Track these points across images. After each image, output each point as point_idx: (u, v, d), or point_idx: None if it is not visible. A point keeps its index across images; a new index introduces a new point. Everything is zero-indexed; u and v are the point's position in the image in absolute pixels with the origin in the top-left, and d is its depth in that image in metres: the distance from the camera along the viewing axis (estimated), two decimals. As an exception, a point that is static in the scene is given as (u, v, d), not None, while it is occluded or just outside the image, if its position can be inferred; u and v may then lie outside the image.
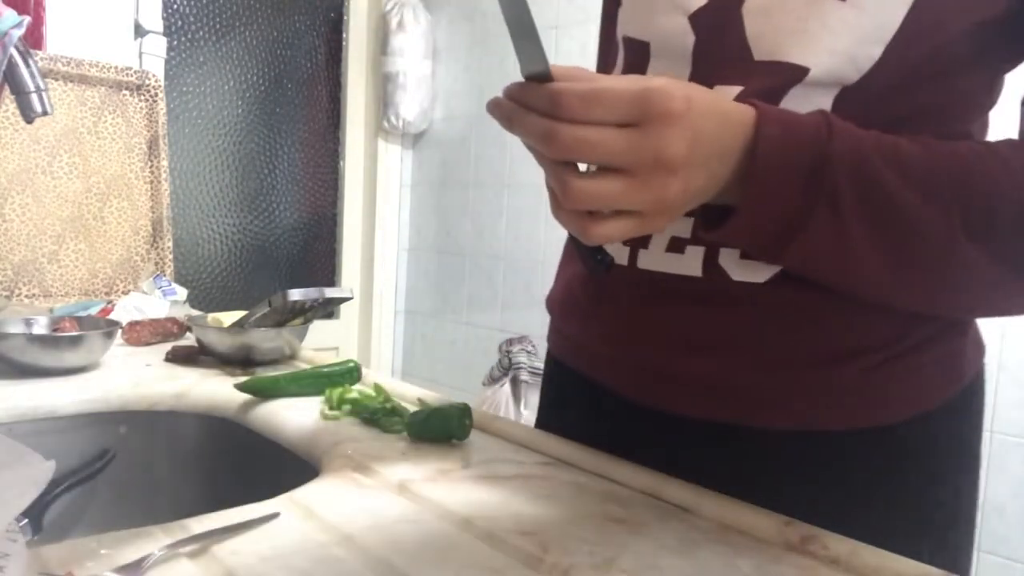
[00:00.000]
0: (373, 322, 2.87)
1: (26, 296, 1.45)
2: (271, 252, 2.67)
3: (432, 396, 0.87)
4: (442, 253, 2.75)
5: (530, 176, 2.35)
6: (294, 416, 0.82)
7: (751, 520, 0.56)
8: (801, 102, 0.53)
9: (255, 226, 2.62)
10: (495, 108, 0.48)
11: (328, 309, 1.10)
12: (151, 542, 0.49)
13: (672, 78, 0.45)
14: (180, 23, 2.36)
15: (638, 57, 0.61)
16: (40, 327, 1.04)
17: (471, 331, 2.66)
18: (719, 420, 0.60)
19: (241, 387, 0.88)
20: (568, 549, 0.52)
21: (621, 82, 0.44)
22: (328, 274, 2.86)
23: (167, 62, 2.25)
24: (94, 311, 1.28)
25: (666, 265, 0.58)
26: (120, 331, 1.12)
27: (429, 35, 2.68)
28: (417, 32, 2.63)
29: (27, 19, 0.96)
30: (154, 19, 2.14)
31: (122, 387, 0.92)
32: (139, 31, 2.01)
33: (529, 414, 2.12)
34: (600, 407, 0.69)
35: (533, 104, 0.45)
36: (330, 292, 1.02)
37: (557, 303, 0.73)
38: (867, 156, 0.48)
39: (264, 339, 1.03)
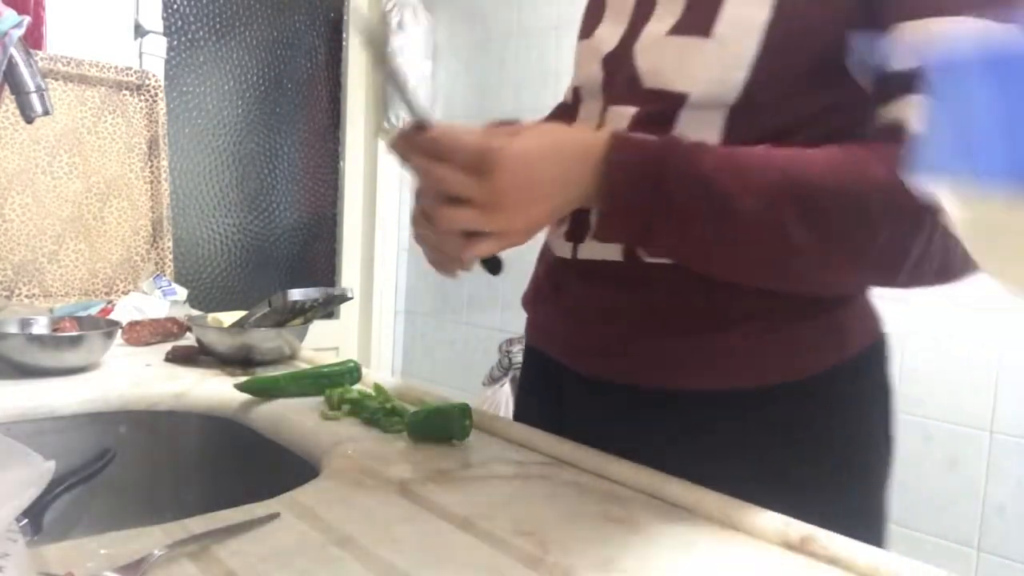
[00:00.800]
0: (373, 322, 2.87)
1: (26, 296, 1.45)
2: (271, 252, 2.67)
3: (432, 396, 0.87)
4: (442, 253, 2.75)
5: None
6: (294, 416, 0.82)
7: (751, 520, 0.56)
8: (694, 124, 0.64)
9: (255, 226, 2.62)
10: (393, 147, 0.62)
11: (328, 309, 1.10)
12: (151, 542, 0.49)
13: (518, 135, 0.58)
14: (180, 23, 2.36)
15: (577, 100, 0.76)
16: (40, 327, 1.04)
17: (471, 331, 2.66)
18: (646, 386, 0.70)
19: (241, 387, 0.88)
20: (568, 549, 0.52)
21: (472, 137, 0.58)
22: (328, 274, 2.86)
23: (167, 62, 2.25)
24: (94, 311, 1.28)
25: (597, 253, 0.70)
26: (120, 331, 1.12)
27: (429, 35, 2.68)
28: (417, 32, 2.63)
29: (27, 19, 0.97)
30: (154, 19, 2.14)
31: (122, 387, 0.92)
32: (139, 31, 2.01)
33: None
34: (560, 383, 0.78)
35: (415, 146, 0.59)
36: (330, 292, 1.02)
37: (529, 299, 0.84)
38: (702, 168, 0.57)
39: (264, 339, 1.03)
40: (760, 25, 0.61)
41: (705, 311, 0.66)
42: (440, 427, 0.73)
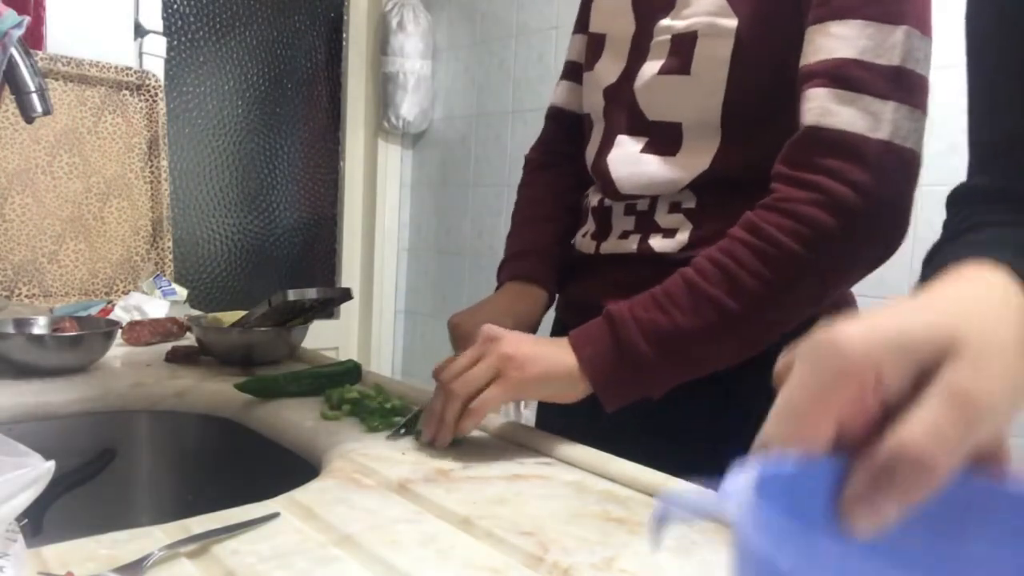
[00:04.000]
0: (373, 322, 2.87)
1: (26, 296, 1.45)
2: (271, 252, 2.67)
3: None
4: (442, 253, 2.75)
5: (530, 176, 2.35)
6: (294, 416, 0.82)
7: (751, 520, 0.56)
8: (694, 143, 0.78)
9: (255, 226, 2.62)
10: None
11: (328, 309, 1.10)
12: (151, 542, 0.49)
13: (517, 336, 0.72)
14: (180, 23, 2.35)
15: (587, 123, 0.91)
16: (40, 327, 1.04)
17: (471, 331, 2.65)
18: None
19: (241, 387, 0.88)
20: (568, 549, 0.52)
21: (473, 346, 0.72)
22: (328, 274, 2.86)
23: (167, 62, 2.25)
24: (94, 311, 1.28)
25: (617, 248, 0.84)
26: (120, 331, 1.12)
27: (429, 35, 2.68)
28: (417, 32, 2.63)
29: (27, 19, 0.96)
30: (154, 19, 2.14)
31: (122, 387, 0.92)
32: (139, 31, 2.01)
33: (529, 414, 2.12)
34: None
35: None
36: (330, 292, 1.02)
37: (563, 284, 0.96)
38: (639, 319, 0.71)
39: (264, 339, 1.03)
40: (726, 58, 0.74)
41: None
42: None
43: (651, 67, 0.79)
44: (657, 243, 0.80)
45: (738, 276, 0.69)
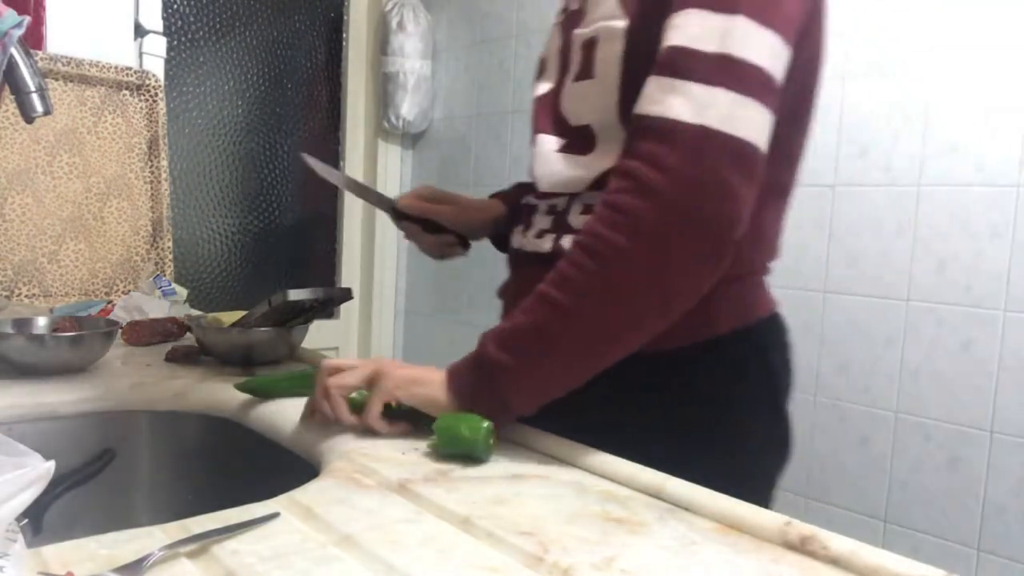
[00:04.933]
0: (373, 322, 2.87)
1: (26, 296, 1.45)
2: (271, 252, 2.67)
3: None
4: (442, 253, 2.75)
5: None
6: (294, 416, 0.82)
7: (751, 520, 0.56)
8: (608, 142, 0.80)
9: (255, 226, 2.62)
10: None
11: (328, 309, 1.10)
12: (151, 542, 0.49)
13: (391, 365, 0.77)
14: (180, 23, 2.35)
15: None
16: (40, 327, 1.04)
17: (471, 331, 2.65)
18: None
19: (241, 387, 0.88)
20: (568, 549, 0.52)
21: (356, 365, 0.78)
22: (328, 274, 2.86)
23: (167, 62, 2.25)
24: (94, 311, 1.28)
25: (536, 247, 0.86)
26: (120, 331, 1.12)
27: (429, 35, 2.68)
28: (417, 32, 2.63)
29: (27, 19, 0.96)
30: (154, 19, 2.14)
31: (122, 387, 0.92)
32: (139, 31, 2.01)
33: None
34: None
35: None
36: (330, 292, 1.02)
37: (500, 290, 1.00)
38: (494, 329, 0.75)
39: (264, 339, 1.03)
40: (618, 55, 0.77)
41: None
42: (467, 444, 0.69)
43: (571, 76, 0.84)
44: (567, 243, 0.80)
45: (565, 271, 0.71)
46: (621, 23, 0.76)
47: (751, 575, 0.50)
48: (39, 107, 0.98)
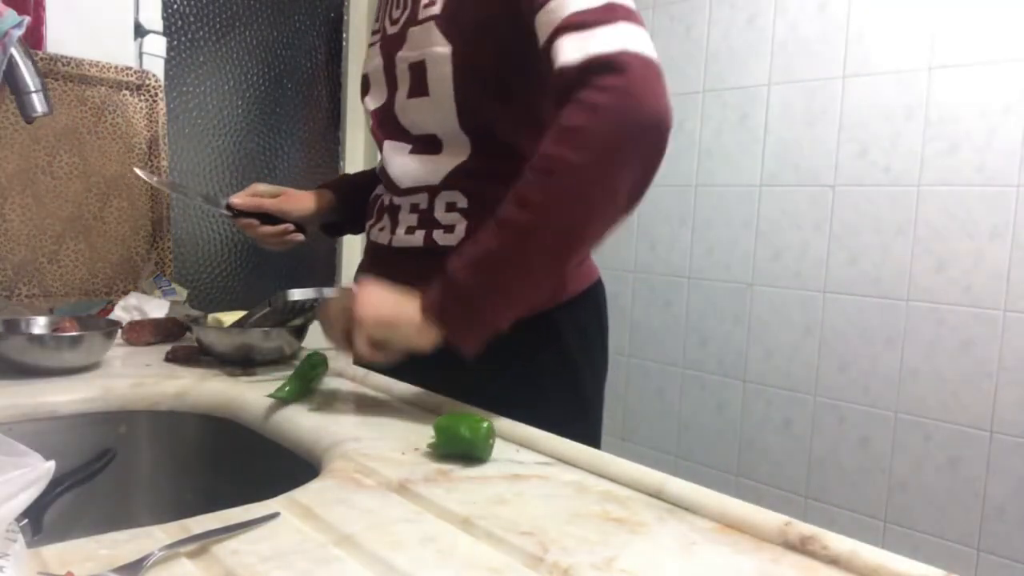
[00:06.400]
0: (373, 322, 2.86)
1: (26, 296, 1.45)
2: (271, 252, 2.67)
3: (442, 401, 0.87)
4: (442, 253, 2.75)
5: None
6: (294, 416, 0.82)
7: (751, 520, 0.56)
8: (453, 147, 0.95)
9: (255, 226, 2.62)
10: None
11: (328, 309, 1.10)
12: (151, 542, 0.49)
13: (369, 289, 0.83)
14: (180, 23, 2.35)
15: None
16: (40, 327, 1.04)
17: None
18: None
19: (274, 396, 0.86)
20: (568, 549, 0.52)
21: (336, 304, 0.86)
22: (328, 274, 2.86)
23: (167, 62, 2.25)
24: (94, 311, 1.28)
25: (407, 242, 0.98)
26: (120, 331, 1.12)
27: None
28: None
29: (27, 19, 0.96)
30: (154, 19, 2.14)
31: (122, 387, 0.92)
32: (139, 31, 2.01)
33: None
34: None
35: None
36: (330, 292, 1.02)
37: (359, 275, 1.11)
38: (459, 255, 0.80)
39: (264, 339, 1.03)
40: (448, 76, 0.90)
41: None
42: (466, 444, 0.69)
43: (402, 93, 0.97)
44: (440, 237, 0.95)
45: (523, 192, 0.78)
46: (445, 49, 0.89)
47: (751, 575, 0.50)
48: (39, 107, 0.98)
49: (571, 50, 0.77)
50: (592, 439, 1.01)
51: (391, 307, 0.81)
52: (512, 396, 0.88)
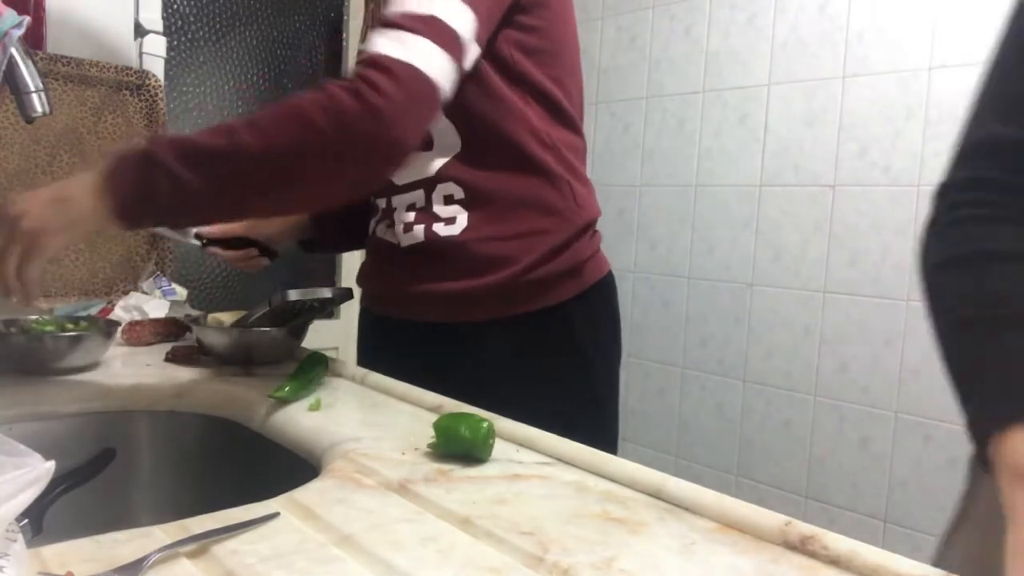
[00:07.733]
0: (373, 322, 2.86)
1: (26, 296, 1.45)
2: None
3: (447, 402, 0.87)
4: (442, 253, 2.75)
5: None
6: (294, 416, 0.82)
7: (751, 520, 0.56)
8: (445, 143, 0.96)
9: (255, 226, 2.62)
10: None
11: (328, 309, 1.10)
12: (151, 542, 0.49)
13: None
14: (180, 23, 2.35)
15: None
16: (40, 327, 1.04)
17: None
18: (439, 322, 0.99)
19: (274, 395, 0.86)
20: (568, 549, 0.52)
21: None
22: (328, 274, 2.86)
23: (167, 62, 2.25)
24: (94, 311, 1.28)
25: (410, 240, 0.98)
26: (120, 331, 1.12)
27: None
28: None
29: (27, 19, 0.96)
30: (154, 19, 2.14)
31: (122, 387, 0.92)
32: (139, 31, 2.01)
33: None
34: (383, 329, 1.08)
35: None
36: (330, 292, 1.02)
37: (362, 276, 1.12)
38: (173, 138, 0.81)
39: (264, 339, 1.03)
40: None
41: (474, 262, 0.94)
42: (466, 444, 0.69)
43: None
44: (441, 230, 0.96)
45: (259, 117, 0.79)
46: None
47: (751, 575, 0.50)
48: (39, 107, 0.98)
49: (374, 42, 0.81)
50: (608, 430, 1.03)
51: (60, 185, 0.81)
52: (526, 389, 0.91)
